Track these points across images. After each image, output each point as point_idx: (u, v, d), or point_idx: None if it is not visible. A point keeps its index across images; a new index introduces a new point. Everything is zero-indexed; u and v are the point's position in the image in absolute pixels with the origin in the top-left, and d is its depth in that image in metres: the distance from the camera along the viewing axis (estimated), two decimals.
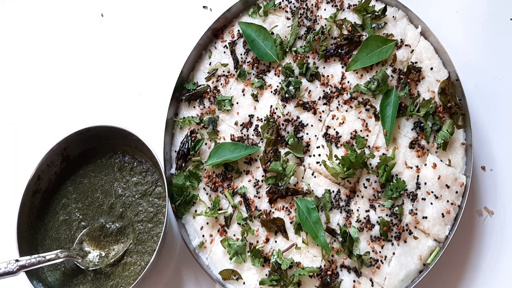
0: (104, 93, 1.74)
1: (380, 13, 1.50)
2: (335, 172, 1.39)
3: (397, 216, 1.38)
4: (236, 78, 1.56)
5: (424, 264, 1.36)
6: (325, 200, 1.41)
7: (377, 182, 1.40)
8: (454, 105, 1.42)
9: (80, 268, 1.44)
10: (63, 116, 1.73)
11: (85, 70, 1.78)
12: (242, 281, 1.40)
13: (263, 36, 1.53)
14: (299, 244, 1.40)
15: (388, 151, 1.43)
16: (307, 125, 1.48)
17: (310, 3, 1.57)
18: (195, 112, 1.56)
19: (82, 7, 1.84)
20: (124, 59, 1.77)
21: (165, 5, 1.81)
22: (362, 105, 1.47)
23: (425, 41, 1.50)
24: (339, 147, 1.45)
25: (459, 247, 1.46)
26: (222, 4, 1.60)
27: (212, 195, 1.48)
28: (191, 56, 1.56)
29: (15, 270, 1.30)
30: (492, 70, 1.61)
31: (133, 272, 1.43)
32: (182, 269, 1.53)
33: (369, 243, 1.37)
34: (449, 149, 1.42)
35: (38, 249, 1.47)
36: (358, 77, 1.49)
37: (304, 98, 1.51)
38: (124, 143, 1.55)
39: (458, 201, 1.39)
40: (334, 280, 1.35)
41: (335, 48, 1.51)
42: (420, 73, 1.46)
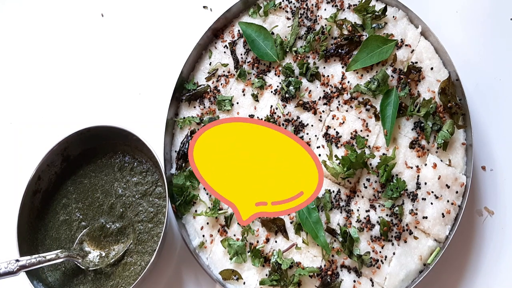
0: (104, 93, 1.74)
1: (380, 13, 1.50)
2: (335, 172, 1.39)
3: (397, 216, 1.38)
4: (236, 78, 1.56)
5: (424, 264, 1.36)
6: (325, 200, 1.41)
7: (377, 182, 1.40)
8: (454, 105, 1.42)
9: (81, 268, 1.44)
10: (63, 116, 1.73)
11: (85, 70, 1.78)
12: (242, 281, 1.40)
13: (263, 36, 1.53)
14: (299, 244, 1.40)
15: (388, 151, 1.43)
16: (307, 125, 1.48)
17: (310, 3, 1.57)
18: (195, 112, 1.56)
19: (82, 7, 1.84)
20: (124, 59, 1.77)
21: (165, 5, 1.81)
22: (362, 105, 1.47)
23: (425, 41, 1.50)
24: (339, 147, 1.45)
25: (459, 247, 1.46)
26: (222, 4, 1.60)
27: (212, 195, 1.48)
28: (191, 56, 1.56)
29: (15, 270, 1.30)
30: (492, 70, 1.61)
31: (133, 272, 1.43)
32: (182, 269, 1.53)
33: (369, 243, 1.37)
34: (449, 149, 1.42)
35: (38, 249, 1.47)
36: (358, 77, 1.49)
37: (304, 98, 1.51)
38: (124, 143, 1.55)
39: (458, 201, 1.39)
40: (334, 280, 1.35)
41: (335, 48, 1.51)
42: (420, 73, 1.46)
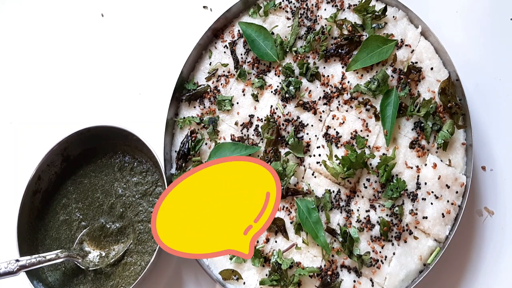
0: (104, 93, 1.74)
1: (380, 13, 1.50)
2: (335, 172, 1.39)
3: (397, 216, 1.38)
4: (236, 78, 1.56)
5: (424, 264, 1.36)
6: (325, 200, 1.41)
7: (377, 182, 1.40)
8: (454, 105, 1.42)
9: (81, 268, 1.44)
10: (63, 116, 1.73)
11: (85, 70, 1.78)
12: (242, 281, 1.40)
13: (263, 36, 1.53)
14: (299, 244, 1.40)
15: (388, 151, 1.43)
16: (307, 125, 1.48)
17: (310, 3, 1.57)
18: (195, 112, 1.56)
19: (82, 7, 1.84)
20: (124, 59, 1.77)
21: (165, 5, 1.81)
22: (362, 105, 1.47)
23: (425, 41, 1.50)
24: (339, 147, 1.45)
25: (459, 247, 1.46)
26: (222, 4, 1.60)
27: None
28: (191, 56, 1.56)
29: (15, 270, 1.31)
30: (492, 70, 1.61)
31: (133, 272, 1.43)
32: (182, 269, 1.53)
33: (369, 243, 1.37)
34: (449, 149, 1.42)
35: (38, 249, 1.47)
36: (358, 77, 1.49)
37: (304, 98, 1.51)
38: (124, 143, 1.55)
39: (458, 201, 1.39)
40: (334, 280, 1.35)
41: (335, 48, 1.51)
42: (420, 73, 1.46)
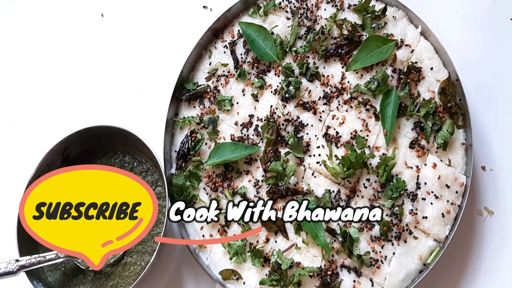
0: (104, 93, 1.74)
1: (380, 13, 1.50)
2: (335, 172, 1.39)
3: (397, 216, 1.38)
4: (236, 78, 1.56)
5: (424, 264, 1.36)
6: (325, 200, 1.41)
7: (377, 182, 1.40)
8: (454, 105, 1.42)
9: (80, 268, 1.44)
10: (63, 116, 1.73)
11: (85, 70, 1.78)
12: (242, 281, 1.40)
13: (263, 36, 1.53)
14: (299, 244, 1.40)
15: (388, 151, 1.43)
16: (307, 125, 1.48)
17: (310, 3, 1.57)
18: (195, 112, 1.56)
19: (82, 7, 1.84)
20: (124, 59, 1.77)
21: (165, 5, 1.81)
22: (362, 105, 1.47)
23: (425, 41, 1.50)
24: (339, 147, 1.45)
25: (459, 247, 1.46)
26: (222, 4, 1.60)
27: (212, 195, 1.48)
28: (191, 56, 1.56)
29: (15, 270, 1.30)
30: (492, 70, 1.61)
31: (133, 272, 1.43)
32: (182, 269, 1.53)
33: (369, 243, 1.37)
34: (449, 149, 1.42)
35: (38, 249, 1.47)
36: (358, 77, 1.49)
37: (304, 98, 1.51)
38: (124, 143, 1.55)
39: (458, 201, 1.39)
40: (334, 280, 1.35)
41: (335, 48, 1.51)
42: (420, 73, 1.46)
